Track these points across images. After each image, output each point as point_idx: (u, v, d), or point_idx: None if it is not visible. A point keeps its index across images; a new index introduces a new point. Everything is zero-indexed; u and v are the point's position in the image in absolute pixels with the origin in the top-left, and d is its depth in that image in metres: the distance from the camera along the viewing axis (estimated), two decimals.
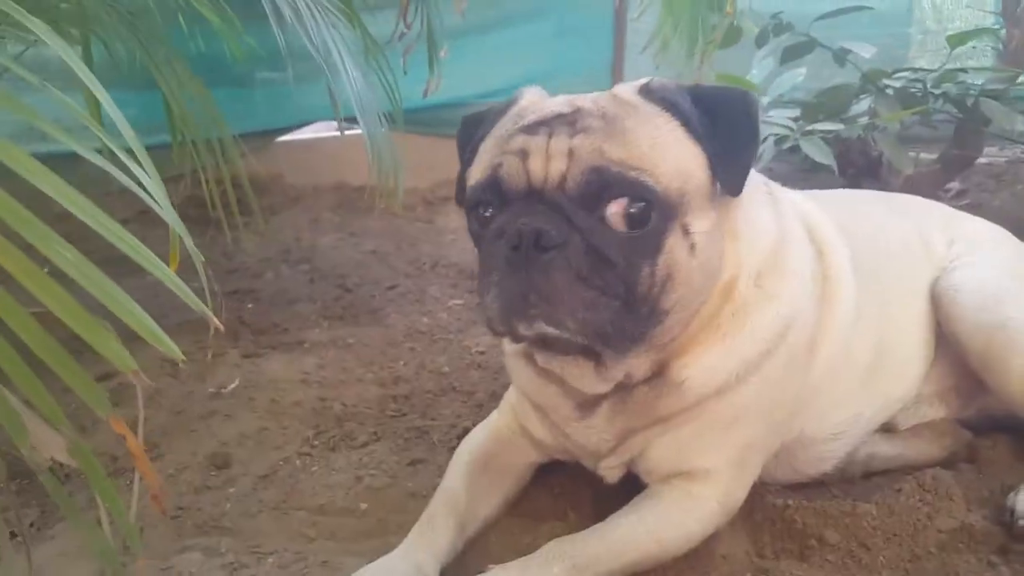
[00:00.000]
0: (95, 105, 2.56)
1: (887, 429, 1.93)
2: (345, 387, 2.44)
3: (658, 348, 1.50)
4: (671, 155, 1.39)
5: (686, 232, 1.40)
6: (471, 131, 1.60)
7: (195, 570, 1.59)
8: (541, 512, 1.79)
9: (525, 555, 1.49)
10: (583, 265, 1.33)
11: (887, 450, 1.89)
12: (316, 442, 2.10)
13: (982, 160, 4.14)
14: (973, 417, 1.99)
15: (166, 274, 1.18)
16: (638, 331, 1.41)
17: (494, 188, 1.42)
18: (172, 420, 2.22)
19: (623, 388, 1.55)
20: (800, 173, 3.58)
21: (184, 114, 2.47)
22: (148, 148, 1.24)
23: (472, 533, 1.67)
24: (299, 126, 4.76)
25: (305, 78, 3.16)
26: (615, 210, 1.35)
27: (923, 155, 3.81)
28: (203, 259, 1.24)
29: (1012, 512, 1.63)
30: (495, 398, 2.09)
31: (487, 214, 1.44)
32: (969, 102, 3.01)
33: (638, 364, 1.52)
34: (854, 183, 3.31)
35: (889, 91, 3.04)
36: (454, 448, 1.87)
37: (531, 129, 1.42)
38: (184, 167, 2.61)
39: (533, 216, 1.34)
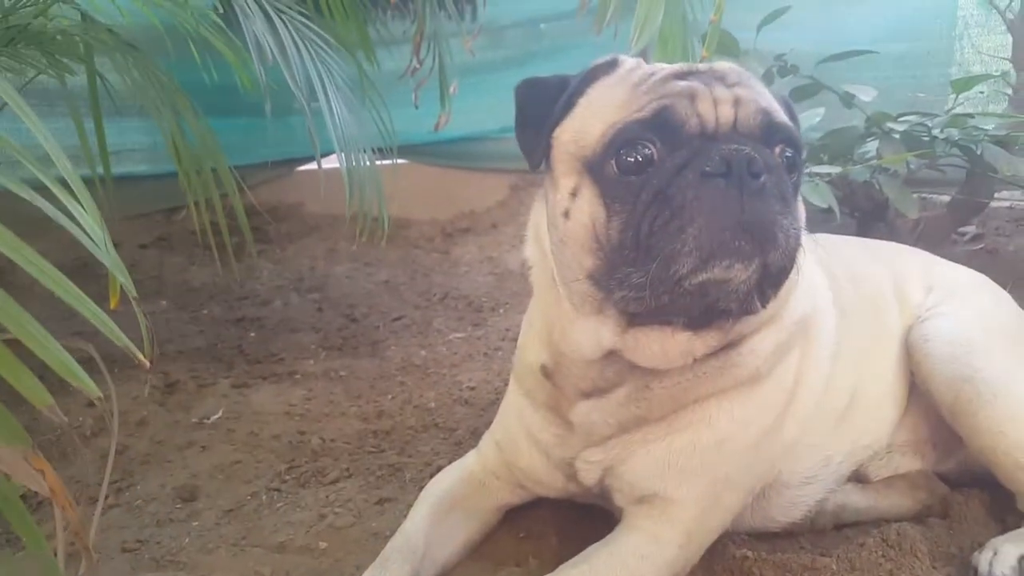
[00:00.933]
0: (101, 134, 2.66)
1: (860, 480, 1.89)
2: (328, 420, 2.44)
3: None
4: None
5: None
6: (545, 91, 1.53)
7: None
8: (502, 556, 1.76)
9: None
10: (780, 195, 1.32)
11: (857, 501, 1.84)
12: (287, 477, 2.10)
13: (1003, 204, 4.05)
14: (953, 470, 1.94)
15: (96, 315, 1.20)
16: (785, 279, 1.39)
17: (661, 127, 1.35)
18: (152, 449, 2.25)
19: (649, 374, 1.52)
20: (809, 214, 3.52)
21: (180, 145, 2.52)
22: (166, 176, 1.25)
23: None
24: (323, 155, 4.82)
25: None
26: (778, 153, 1.39)
27: (936, 198, 3.74)
28: (135, 295, 1.25)
29: (975, 571, 1.60)
30: (475, 436, 2.07)
31: (637, 158, 1.35)
32: (978, 148, 2.94)
33: (728, 336, 1.50)
34: (863, 226, 3.26)
35: (894, 135, 2.99)
36: None
37: (684, 76, 1.41)
38: (199, 195, 2.67)
39: (729, 147, 1.31)
